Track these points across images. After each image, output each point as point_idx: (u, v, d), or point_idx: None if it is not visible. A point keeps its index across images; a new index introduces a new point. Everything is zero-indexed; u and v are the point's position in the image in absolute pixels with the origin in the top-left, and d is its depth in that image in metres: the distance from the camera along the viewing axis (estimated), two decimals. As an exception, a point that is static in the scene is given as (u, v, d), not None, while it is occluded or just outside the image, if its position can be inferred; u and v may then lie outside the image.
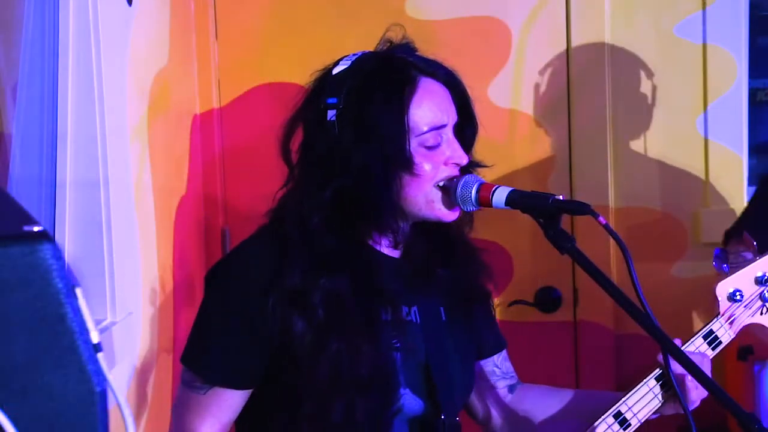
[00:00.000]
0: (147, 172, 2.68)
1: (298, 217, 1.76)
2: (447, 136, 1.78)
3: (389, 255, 1.83)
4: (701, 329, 1.95)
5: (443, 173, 1.77)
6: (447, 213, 1.78)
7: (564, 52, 3.19)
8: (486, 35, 3.20)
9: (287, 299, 1.73)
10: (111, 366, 2.28)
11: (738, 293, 1.96)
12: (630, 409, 1.88)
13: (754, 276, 1.97)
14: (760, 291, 1.96)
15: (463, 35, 3.16)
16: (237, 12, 3.24)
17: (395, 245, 1.82)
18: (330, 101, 1.75)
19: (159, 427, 2.72)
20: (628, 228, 3.19)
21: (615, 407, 1.87)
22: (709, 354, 1.91)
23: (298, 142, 1.82)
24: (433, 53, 1.84)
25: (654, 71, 3.19)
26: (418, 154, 1.75)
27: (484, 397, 2.03)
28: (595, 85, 3.19)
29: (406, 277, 1.83)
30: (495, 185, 1.76)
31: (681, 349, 1.73)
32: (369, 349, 1.73)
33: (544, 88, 3.20)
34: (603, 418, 1.87)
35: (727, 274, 1.98)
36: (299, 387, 1.73)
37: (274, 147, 1.82)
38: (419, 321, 1.83)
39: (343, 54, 1.82)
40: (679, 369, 1.75)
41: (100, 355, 0.97)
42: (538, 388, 2.05)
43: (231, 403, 1.79)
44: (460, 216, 1.80)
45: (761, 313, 1.97)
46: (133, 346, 2.52)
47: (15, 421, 0.91)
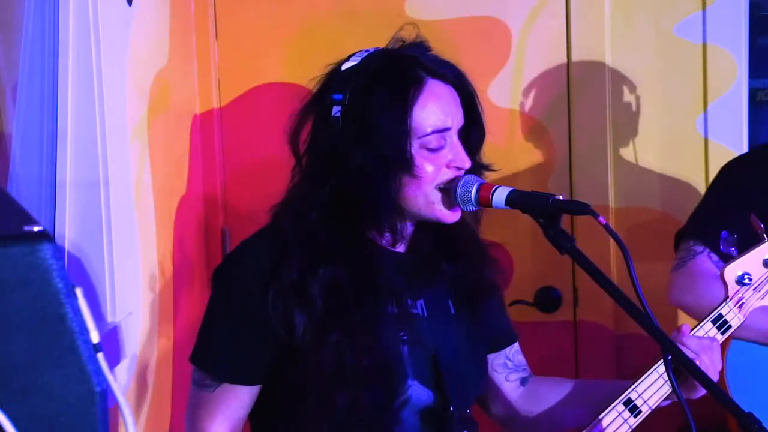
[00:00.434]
0: (147, 172, 2.68)
1: (297, 212, 1.77)
2: (451, 139, 1.77)
3: (392, 250, 1.83)
4: (710, 313, 1.94)
5: (445, 176, 1.76)
6: (447, 214, 1.78)
7: (564, 52, 3.19)
8: (486, 35, 3.19)
9: (287, 292, 1.73)
10: (111, 366, 2.28)
11: (746, 276, 1.95)
12: (640, 396, 1.88)
13: (762, 259, 1.95)
14: None
15: (463, 35, 3.16)
16: (237, 12, 3.24)
17: (394, 243, 1.82)
18: (336, 97, 1.74)
19: (159, 427, 2.72)
20: (628, 228, 3.19)
21: (625, 394, 1.88)
22: (719, 338, 1.91)
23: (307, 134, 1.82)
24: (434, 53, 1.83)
25: (654, 71, 3.19)
26: (419, 155, 1.75)
27: (496, 390, 2.03)
28: (595, 85, 3.18)
29: (410, 271, 1.83)
30: (495, 185, 1.76)
31: (681, 350, 1.73)
32: (371, 341, 1.73)
33: (544, 88, 3.20)
34: (613, 405, 1.88)
35: (735, 257, 1.96)
36: (304, 380, 1.74)
37: (274, 147, 1.82)
38: (426, 314, 1.83)
39: (343, 54, 1.82)
40: (689, 353, 1.76)
41: (100, 355, 0.97)
42: (550, 380, 2.06)
43: (240, 400, 1.81)
44: (461, 216, 1.80)
45: None
46: (133, 346, 2.51)
47: (15, 421, 0.91)
